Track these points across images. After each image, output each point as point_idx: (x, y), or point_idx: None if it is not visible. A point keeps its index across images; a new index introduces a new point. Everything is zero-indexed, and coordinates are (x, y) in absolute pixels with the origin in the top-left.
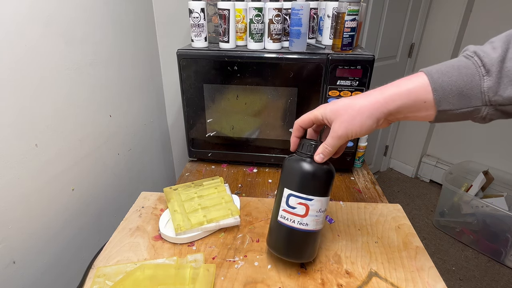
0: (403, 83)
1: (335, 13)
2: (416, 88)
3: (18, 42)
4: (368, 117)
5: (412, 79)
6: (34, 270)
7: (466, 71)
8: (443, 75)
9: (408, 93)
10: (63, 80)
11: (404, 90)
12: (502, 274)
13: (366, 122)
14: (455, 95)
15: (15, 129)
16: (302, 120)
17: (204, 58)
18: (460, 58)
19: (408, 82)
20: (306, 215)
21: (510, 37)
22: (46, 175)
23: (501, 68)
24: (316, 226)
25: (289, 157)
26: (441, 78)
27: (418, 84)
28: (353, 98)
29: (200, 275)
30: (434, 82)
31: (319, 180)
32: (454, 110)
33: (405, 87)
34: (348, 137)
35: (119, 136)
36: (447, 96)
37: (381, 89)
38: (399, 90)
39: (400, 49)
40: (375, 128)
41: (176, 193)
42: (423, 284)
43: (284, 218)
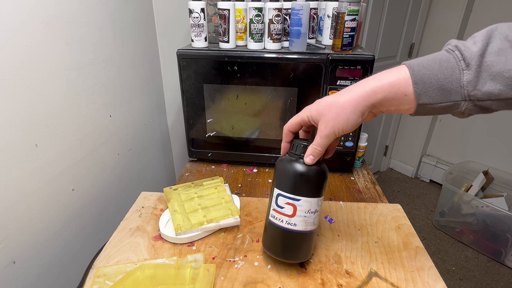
0: (385, 76)
1: (335, 13)
2: (397, 81)
3: (18, 42)
4: (352, 112)
5: (393, 72)
6: (34, 270)
7: (447, 64)
8: (424, 68)
9: (389, 86)
10: (63, 80)
11: (386, 83)
12: (502, 274)
13: (351, 117)
14: (435, 88)
15: (15, 129)
16: (290, 124)
17: (204, 58)
18: (442, 52)
19: (389, 75)
20: (294, 215)
21: (491, 32)
22: (46, 175)
23: (480, 62)
24: (305, 227)
25: (281, 157)
26: (422, 71)
27: (399, 76)
28: (336, 95)
29: (200, 275)
30: (415, 75)
31: (307, 180)
32: (434, 104)
33: (386, 80)
34: (335, 135)
35: (119, 136)
36: (427, 90)
37: (363, 82)
38: (381, 83)
39: (400, 49)
40: (361, 121)
41: (176, 193)
42: (423, 284)
43: (274, 218)
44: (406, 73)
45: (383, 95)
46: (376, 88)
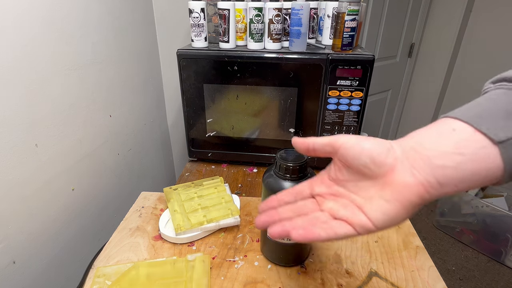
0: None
1: (335, 13)
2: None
3: (18, 42)
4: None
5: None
6: (34, 270)
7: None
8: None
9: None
10: (63, 80)
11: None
12: (502, 274)
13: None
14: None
15: (15, 129)
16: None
17: (204, 58)
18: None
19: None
20: None
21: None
22: (46, 175)
23: None
24: None
25: (268, 175)
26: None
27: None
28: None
29: (196, 266)
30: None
31: None
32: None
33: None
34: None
35: (119, 136)
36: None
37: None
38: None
39: (400, 49)
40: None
41: (176, 193)
42: (423, 284)
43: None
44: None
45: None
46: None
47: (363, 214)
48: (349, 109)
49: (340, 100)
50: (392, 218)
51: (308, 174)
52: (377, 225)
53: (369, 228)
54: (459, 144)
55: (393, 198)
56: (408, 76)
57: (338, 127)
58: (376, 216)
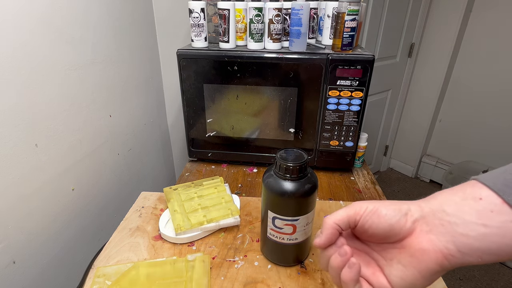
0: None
1: (335, 13)
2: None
3: (18, 42)
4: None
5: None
6: (34, 270)
7: None
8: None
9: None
10: (63, 80)
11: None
12: (502, 274)
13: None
14: None
15: (15, 129)
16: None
17: (204, 58)
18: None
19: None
20: (294, 232)
21: None
22: (46, 175)
23: None
24: (305, 236)
25: (268, 175)
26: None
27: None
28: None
29: (196, 266)
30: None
31: (303, 202)
32: None
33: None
34: None
35: (119, 136)
36: None
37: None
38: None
39: (400, 49)
40: None
41: (176, 193)
42: None
43: (273, 236)
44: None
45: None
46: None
47: (383, 276)
48: (349, 109)
49: (340, 100)
50: (410, 283)
51: (308, 174)
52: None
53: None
54: (484, 215)
55: (410, 264)
56: (408, 76)
57: (338, 127)
58: (396, 281)
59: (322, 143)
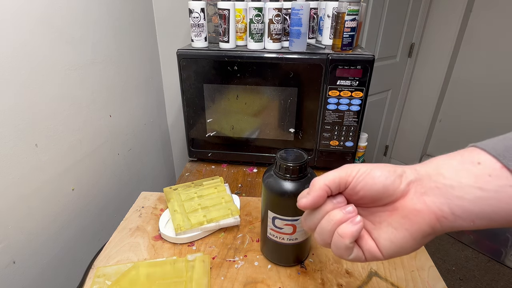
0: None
1: (335, 13)
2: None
3: (18, 42)
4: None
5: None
6: (34, 270)
7: None
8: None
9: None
10: (63, 80)
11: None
12: (502, 274)
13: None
14: None
15: (15, 129)
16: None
17: (204, 58)
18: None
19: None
20: (294, 232)
21: None
22: (46, 175)
23: None
24: (305, 236)
25: (268, 175)
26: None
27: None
28: None
29: (196, 266)
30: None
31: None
32: None
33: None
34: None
35: (119, 136)
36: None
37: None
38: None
39: (400, 49)
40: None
41: (176, 193)
42: (423, 284)
43: (273, 236)
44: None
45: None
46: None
47: (372, 240)
48: (349, 109)
49: (340, 100)
50: (400, 247)
51: (308, 174)
52: (384, 254)
53: (377, 256)
54: (482, 179)
55: (402, 225)
56: (408, 76)
57: (338, 127)
58: (385, 244)
59: (322, 143)
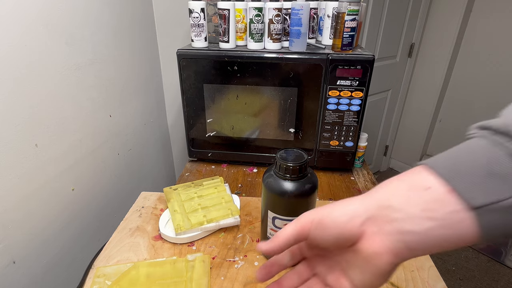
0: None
1: (335, 13)
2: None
3: (18, 42)
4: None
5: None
6: (34, 270)
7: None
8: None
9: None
10: (63, 80)
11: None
12: (502, 274)
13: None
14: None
15: (15, 129)
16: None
17: (204, 58)
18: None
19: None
20: None
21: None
22: (46, 175)
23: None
24: None
25: (268, 175)
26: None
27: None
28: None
29: (196, 266)
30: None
31: (303, 202)
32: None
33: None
34: None
35: (119, 136)
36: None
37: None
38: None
39: (400, 49)
40: None
41: (176, 193)
42: (423, 284)
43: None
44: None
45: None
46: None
47: (346, 280)
48: (349, 109)
49: (340, 100)
50: (370, 285)
51: (308, 174)
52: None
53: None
54: (430, 206)
55: (365, 268)
56: (408, 76)
57: (338, 127)
58: (357, 284)
59: (322, 143)
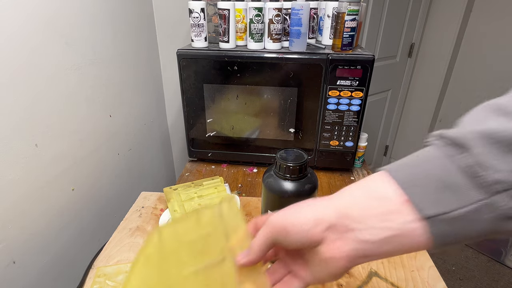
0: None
1: (335, 13)
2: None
3: (18, 42)
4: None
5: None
6: (34, 270)
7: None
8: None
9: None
10: (63, 80)
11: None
12: (502, 274)
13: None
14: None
15: (15, 129)
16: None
17: (204, 58)
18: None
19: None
20: None
21: (474, 111)
22: (46, 175)
23: (482, 135)
24: None
25: (268, 175)
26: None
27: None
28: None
29: (224, 209)
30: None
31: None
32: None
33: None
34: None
35: (119, 136)
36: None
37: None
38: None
39: (400, 49)
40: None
41: (176, 193)
42: (423, 284)
43: None
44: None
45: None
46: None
47: (307, 270)
48: (349, 109)
49: (340, 100)
50: (325, 280)
51: (308, 174)
52: (315, 282)
53: (311, 283)
54: (386, 217)
55: (322, 267)
56: (408, 76)
57: (338, 127)
58: (315, 276)
59: (322, 143)
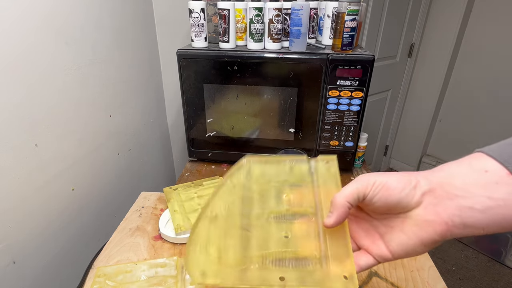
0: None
1: (335, 13)
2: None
3: (18, 42)
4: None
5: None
6: (34, 270)
7: None
8: None
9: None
10: (63, 80)
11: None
12: (502, 274)
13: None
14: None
15: (15, 129)
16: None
17: (204, 58)
18: None
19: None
20: None
21: None
22: (46, 175)
23: None
24: None
25: None
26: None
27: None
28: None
29: (320, 168)
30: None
31: None
32: None
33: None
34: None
35: (119, 136)
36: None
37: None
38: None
39: (400, 49)
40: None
41: (176, 193)
42: (423, 284)
43: None
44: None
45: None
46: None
47: (383, 243)
48: (349, 109)
49: (340, 100)
50: (410, 251)
51: None
52: (394, 256)
53: (386, 258)
54: (490, 187)
55: (414, 233)
56: (408, 76)
57: (338, 127)
58: (396, 248)
59: (322, 143)
